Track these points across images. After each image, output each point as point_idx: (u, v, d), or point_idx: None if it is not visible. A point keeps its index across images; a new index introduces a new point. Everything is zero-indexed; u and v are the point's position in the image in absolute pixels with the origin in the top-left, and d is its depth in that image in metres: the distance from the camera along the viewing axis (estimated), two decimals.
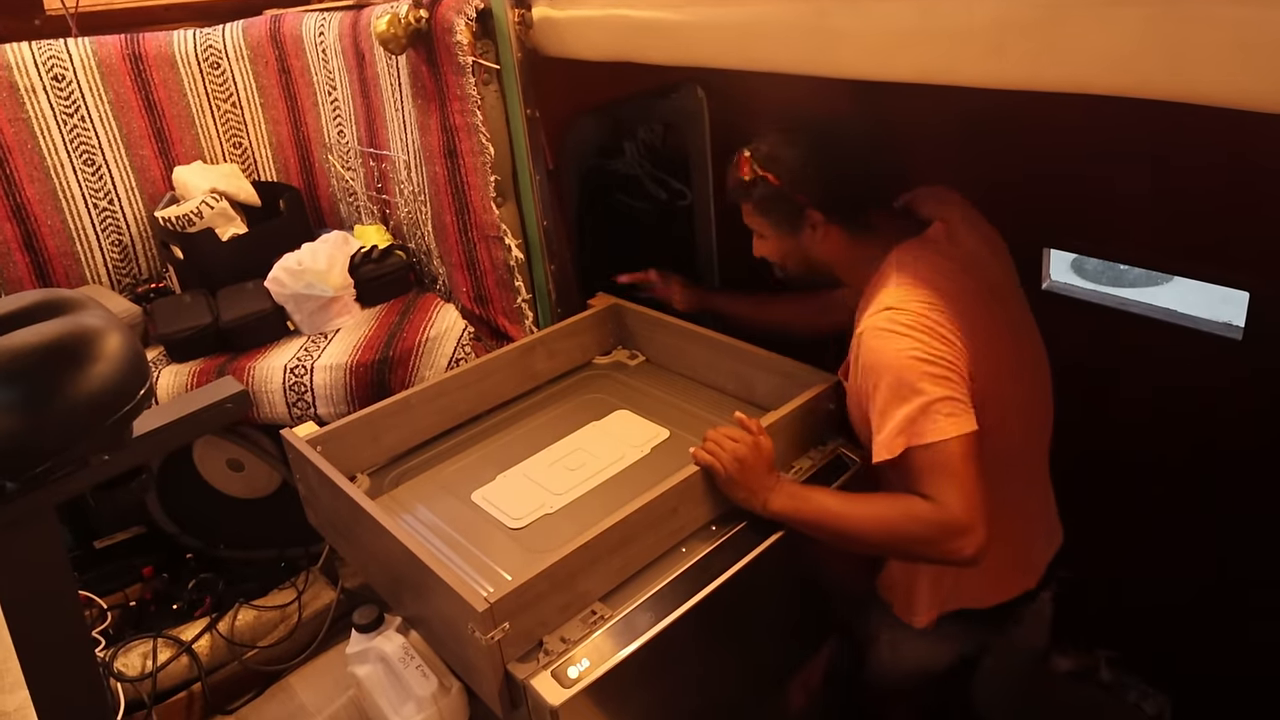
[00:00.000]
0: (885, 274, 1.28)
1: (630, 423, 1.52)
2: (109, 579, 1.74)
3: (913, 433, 1.14)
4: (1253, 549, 1.66)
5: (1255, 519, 1.65)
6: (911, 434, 1.14)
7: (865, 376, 1.21)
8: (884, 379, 1.18)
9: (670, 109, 2.13)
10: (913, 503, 1.16)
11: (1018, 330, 1.41)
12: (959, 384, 1.17)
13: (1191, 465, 1.70)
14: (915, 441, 1.14)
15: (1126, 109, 1.50)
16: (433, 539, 1.30)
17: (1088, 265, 4.41)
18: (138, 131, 1.96)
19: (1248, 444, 1.61)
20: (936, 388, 1.15)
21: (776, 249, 1.39)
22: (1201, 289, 1.66)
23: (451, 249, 1.73)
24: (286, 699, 1.56)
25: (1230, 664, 1.76)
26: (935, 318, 1.20)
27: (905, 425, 1.15)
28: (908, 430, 1.15)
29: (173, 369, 1.65)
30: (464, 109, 1.56)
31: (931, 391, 1.15)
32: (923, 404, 1.14)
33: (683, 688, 1.24)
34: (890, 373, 1.17)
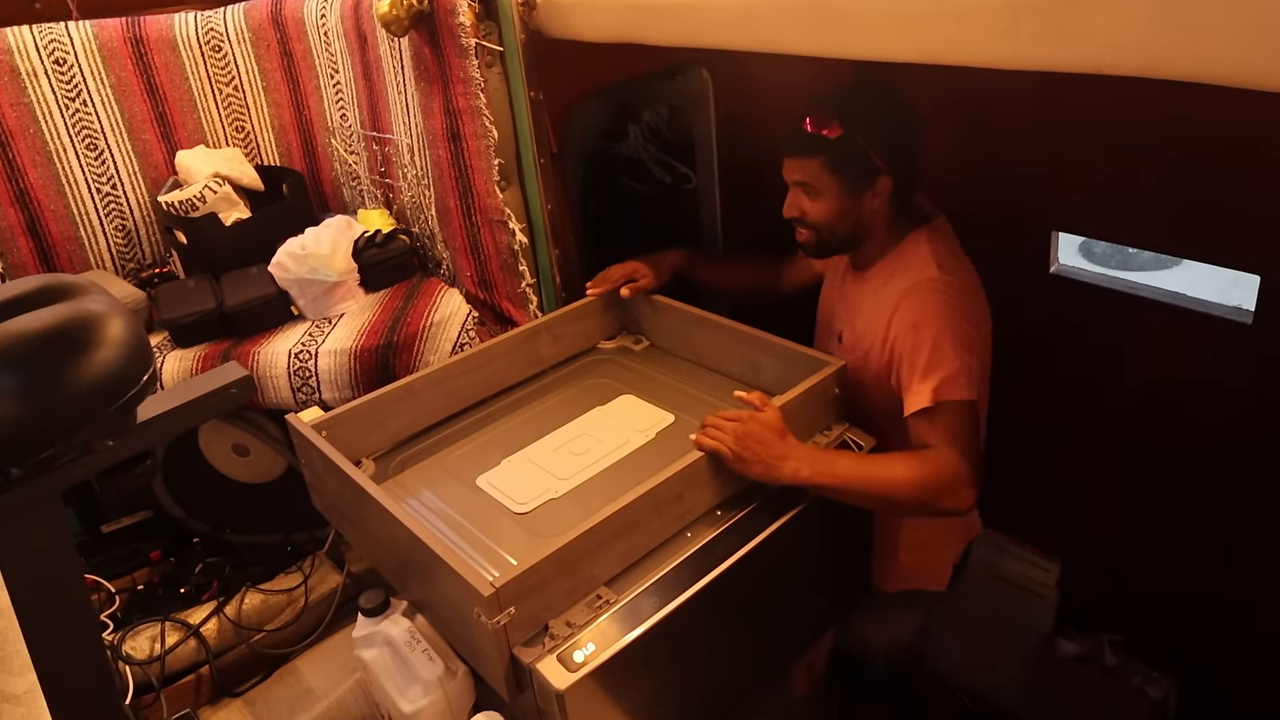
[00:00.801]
0: (918, 247, 1.40)
1: (635, 408, 1.52)
2: (116, 563, 1.75)
3: (949, 388, 1.27)
4: (1260, 534, 1.66)
5: (1263, 504, 1.64)
6: (948, 389, 1.27)
7: (910, 330, 1.32)
8: (933, 335, 1.29)
9: (675, 91, 2.12)
10: (935, 455, 1.26)
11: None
12: (981, 356, 1.33)
13: (1200, 449, 1.69)
14: (948, 396, 1.27)
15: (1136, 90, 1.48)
16: (438, 524, 1.30)
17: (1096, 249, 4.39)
18: (140, 115, 1.96)
19: (1257, 428, 1.60)
20: (970, 355, 1.29)
21: (832, 210, 1.41)
22: (1211, 272, 1.64)
23: (455, 233, 1.72)
24: (294, 681, 1.57)
25: (1235, 649, 1.76)
26: (977, 294, 1.38)
27: (945, 380, 1.27)
28: (946, 385, 1.27)
29: (177, 354, 1.65)
30: (467, 91, 1.55)
31: (966, 357, 1.29)
32: (961, 365, 1.28)
33: (688, 672, 1.24)
34: (942, 330, 1.29)
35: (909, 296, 1.35)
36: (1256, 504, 1.65)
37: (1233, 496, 1.68)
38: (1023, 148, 1.73)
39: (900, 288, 1.37)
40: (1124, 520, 1.87)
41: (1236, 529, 1.69)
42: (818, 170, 1.38)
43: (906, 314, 1.34)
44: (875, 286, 1.46)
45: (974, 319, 1.35)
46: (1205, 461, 1.69)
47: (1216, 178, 1.51)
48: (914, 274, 1.38)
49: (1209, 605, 1.79)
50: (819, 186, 1.40)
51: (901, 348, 1.34)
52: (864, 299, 1.49)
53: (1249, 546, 1.68)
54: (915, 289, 1.35)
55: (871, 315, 1.43)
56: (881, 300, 1.40)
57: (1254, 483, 1.64)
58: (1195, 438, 1.69)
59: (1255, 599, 1.69)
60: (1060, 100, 1.60)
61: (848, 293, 1.55)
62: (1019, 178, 1.75)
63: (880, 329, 1.39)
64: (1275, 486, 1.61)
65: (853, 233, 1.44)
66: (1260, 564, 1.67)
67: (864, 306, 1.48)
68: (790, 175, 1.43)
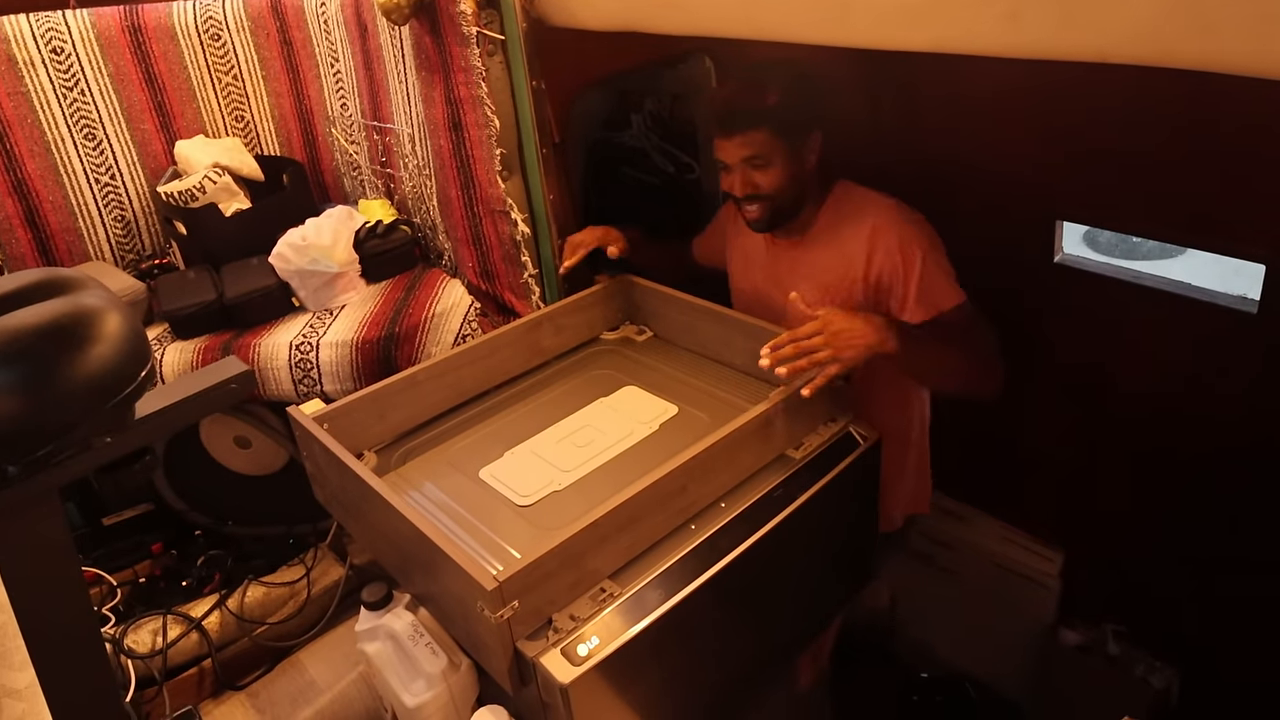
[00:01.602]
0: (850, 193, 1.53)
1: (638, 399, 1.51)
2: (118, 556, 1.75)
3: (951, 295, 1.40)
4: (1264, 524, 1.65)
5: (1267, 494, 1.64)
6: (950, 296, 1.40)
7: (898, 254, 1.42)
8: (921, 253, 1.41)
9: (678, 80, 2.10)
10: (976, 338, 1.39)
11: None
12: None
13: (1204, 439, 1.69)
14: (954, 301, 1.40)
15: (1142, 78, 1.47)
16: (441, 517, 1.30)
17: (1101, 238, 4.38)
18: (138, 105, 1.94)
19: (1261, 418, 1.59)
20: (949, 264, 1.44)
21: (782, 177, 1.47)
22: (1215, 261, 1.63)
23: (457, 224, 1.71)
24: (297, 674, 1.57)
25: (1238, 638, 1.76)
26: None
27: (946, 284, 1.40)
28: (947, 294, 1.40)
29: (177, 346, 1.64)
30: (468, 81, 1.54)
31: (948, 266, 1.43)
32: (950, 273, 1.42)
33: (692, 665, 1.24)
34: (932, 245, 1.42)
35: (881, 230, 1.45)
36: (1260, 494, 1.65)
37: (1237, 486, 1.68)
38: (1027, 136, 1.71)
39: (865, 226, 1.47)
40: (1127, 510, 1.86)
41: (1240, 518, 1.69)
42: (765, 140, 1.43)
43: (887, 242, 1.44)
44: (825, 241, 1.53)
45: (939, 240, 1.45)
46: (1209, 452, 1.68)
47: (1222, 167, 1.50)
48: (871, 211, 1.48)
49: (1212, 595, 1.78)
50: (768, 156, 1.45)
51: (892, 274, 1.44)
52: (815, 258, 1.55)
53: (1253, 536, 1.68)
54: (885, 222, 1.46)
55: (837, 265, 1.51)
56: (845, 247, 1.49)
57: (1258, 473, 1.63)
58: (1199, 428, 1.69)
59: (1259, 588, 1.69)
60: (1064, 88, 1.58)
61: (785, 264, 1.60)
62: (1023, 166, 1.74)
63: (858, 269, 1.48)
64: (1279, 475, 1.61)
65: (799, 196, 1.51)
66: (1264, 554, 1.66)
67: (819, 264, 1.54)
68: (734, 154, 1.46)
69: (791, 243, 1.59)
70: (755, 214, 1.51)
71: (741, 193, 1.49)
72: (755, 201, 1.49)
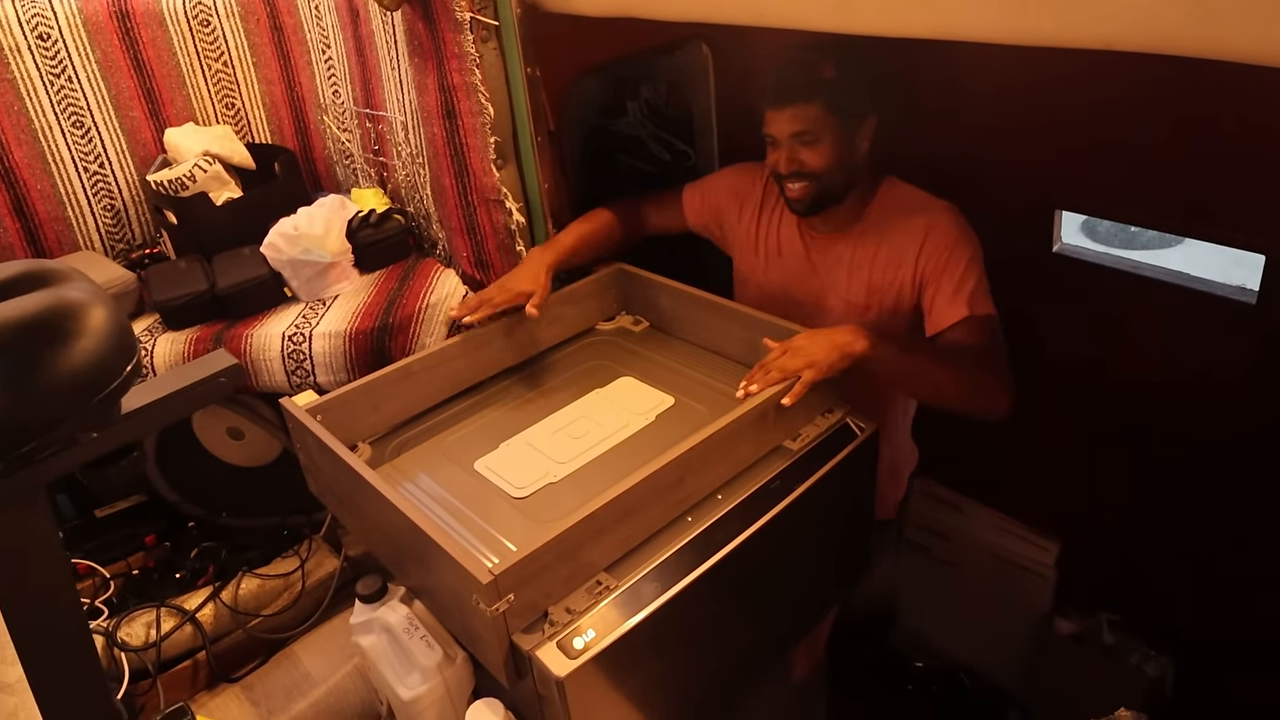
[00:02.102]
0: (898, 189, 1.50)
1: (635, 390, 1.50)
2: (111, 548, 1.73)
3: (982, 302, 1.39)
4: (1261, 514, 1.65)
5: (1264, 484, 1.64)
6: (980, 303, 1.38)
7: (945, 251, 1.41)
8: (966, 255, 1.40)
9: (674, 67, 2.08)
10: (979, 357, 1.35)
11: None
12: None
13: (1201, 429, 1.68)
14: (982, 310, 1.38)
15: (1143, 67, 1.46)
16: (435, 509, 1.29)
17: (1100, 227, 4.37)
18: (127, 92, 1.91)
19: (1258, 409, 1.59)
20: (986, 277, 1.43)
21: (830, 157, 1.42)
22: (1214, 251, 1.62)
23: (451, 213, 1.69)
24: (291, 666, 1.56)
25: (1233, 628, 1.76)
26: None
27: (976, 293, 1.38)
28: (978, 299, 1.38)
29: (169, 337, 1.63)
30: (462, 67, 1.52)
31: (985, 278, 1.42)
32: (985, 284, 1.41)
33: (688, 657, 1.23)
34: (973, 254, 1.41)
35: (935, 227, 1.43)
36: (1257, 484, 1.65)
37: (1234, 476, 1.68)
38: (1026, 125, 1.70)
39: (919, 224, 1.44)
40: (1124, 500, 1.86)
41: (1237, 508, 1.69)
42: (818, 115, 1.39)
43: (939, 239, 1.42)
44: (874, 238, 1.49)
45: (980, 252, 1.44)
46: (1206, 442, 1.68)
47: (1222, 157, 1.49)
48: (926, 212, 1.45)
49: (1208, 584, 1.78)
50: (818, 132, 1.40)
51: (935, 269, 1.42)
52: (861, 255, 1.51)
53: (1250, 526, 1.68)
54: (937, 219, 1.44)
55: (888, 264, 1.48)
56: (895, 245, 1.46)
57: (1255, 463, 1.63)
58: (1197, 418, 1.68)
59: (1255, 578, 1.69)
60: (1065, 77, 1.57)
61: (828, 258, 1.56)
62: (1022, 156, 1.73)
63: (907, 269, 1.45)
64: (1276, 467, 1.61)
65: (847, 180, 1.46)
66: (1260, 543, 1.67)
67: (865, 261, 1.50)
68: (784, 128, 1.41)
69: (833, 236, 1.54)
70: (798, 193, 1.45)
71: (787, 169, 1.43)
72: (800, 180, 1.43)
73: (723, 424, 1.20)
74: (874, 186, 1.51)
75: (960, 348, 1.39)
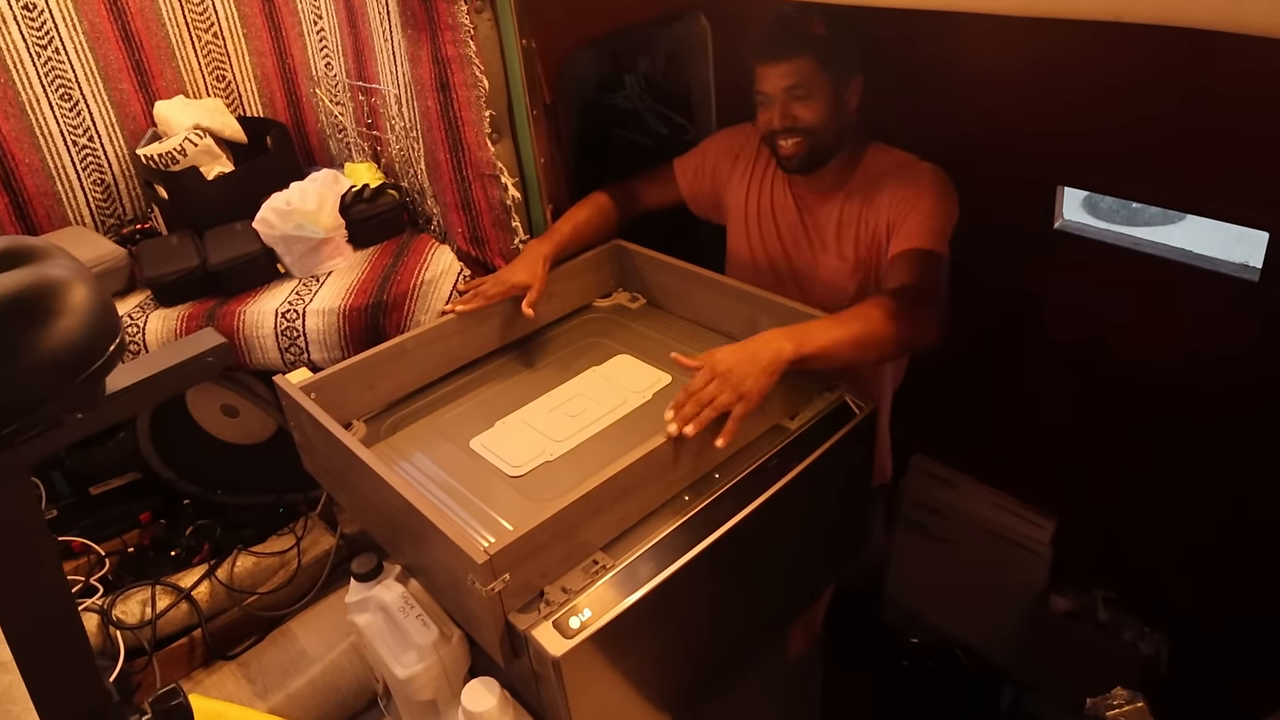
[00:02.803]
0: (884, 152, 1.53)
1: (631, 367, 1.49)
2: (106, 525, 1.73)
3: (934, 240, 1.40)
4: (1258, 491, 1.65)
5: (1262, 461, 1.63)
6: (933, 240, 1.40)
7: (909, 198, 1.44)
8: (929, 201, 1.43)
9: (672, 39, 2.05)
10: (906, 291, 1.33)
11: None
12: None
13: (1202, 407, 1.68)
14: (931, 246, 1.39)
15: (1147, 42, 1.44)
16: (431, 487, 1.28)
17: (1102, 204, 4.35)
18: (115, 64, 1.88)
19: (1259, 387, 1.58)
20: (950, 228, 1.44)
21: (823, 112, 1.44)
22: (1216, 228, 1.61)
23: (446, 188, 1.67)
24: (288, 644, 1.56)
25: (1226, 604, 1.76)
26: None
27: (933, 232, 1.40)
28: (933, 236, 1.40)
29: (161, 313, 1.61)
30: (456, 39, 1.49)
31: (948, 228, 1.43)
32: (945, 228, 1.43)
33: (685, 636, 1.23)
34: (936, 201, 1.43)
35: (913, 181, 1.46)
36: (1256, 461, 1.64)
37: (1232, 454, 1.67)
38: (1028, 101, 1.68)
39: (899, 179, 1.47)
40: (1122, 478, 1.86)
41: (1235, 487, 1.69)
42: (810, 69, 1.40)
43: (913, 188, 1.45)
44: (860, 199, 1.51)
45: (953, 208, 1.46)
46: (1205, 420, 1.67)
47: (1226, 133, 1.47)
48: (910, 172, 1.48)
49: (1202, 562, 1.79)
50: (811, 87, 1.42)
51: (901, 211, 1.44)
52: (848, 215, 1.53)
53: (1247, 504, 1.68)
54: (917, 174, 1.47)
55: (870, 219, 1.50)
56: (879, 199, 1.49)
57: (1254, 441, 1.62)
58: (1196, 396, 1.67)
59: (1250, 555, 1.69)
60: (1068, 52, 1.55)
61: (819, 219, 1.58)
62: (1024, 132, 1.71)
63: (884, 215, 1.48)
64: (1275, 444, 1.60)
65: (838, 137, 1.48)
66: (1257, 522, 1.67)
67: (852, 220, 1.53)
68: (776, 83, 1.43)
69: (823, 197, 1.57)
70: (791, 149, 1.46)
71: (781, 124, 1.44)
72: (794, 135, 1.45)
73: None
74: (861, 149, 1.53)
75: (899, 277, 1.38)
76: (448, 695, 1.23)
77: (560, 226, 1.63)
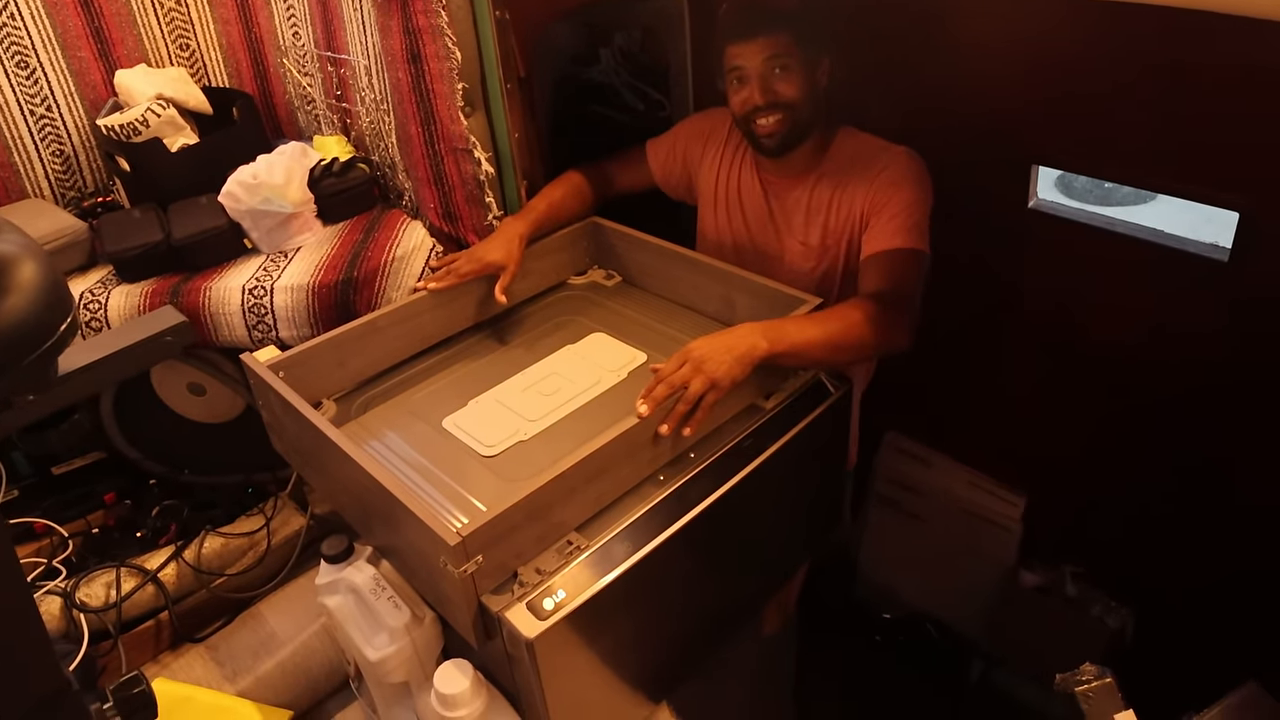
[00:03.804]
0: (855, 137, 1.52)
1: (607, 346, 1.48)
2: (69, 506, 1.69)
3: (914, 237, 1.39)
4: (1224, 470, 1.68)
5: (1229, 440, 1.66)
6: (912, 238, 1.39)
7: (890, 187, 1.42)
8: (909, 192, 1.42)
9: (649, 13, 2.02)
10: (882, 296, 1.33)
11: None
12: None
13: (1170, 386, 1.70)
14: (910, 244, 1.39)
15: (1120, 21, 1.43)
16: (403, 467, 1.26)
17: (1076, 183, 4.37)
18: (73, 31, 1.82)
19: (1228, 366, 1.60)
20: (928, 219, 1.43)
21: (802, 88, 1.43)
22: (1187, 208, 1.62)
23: (417, 162, 1.64)
24: (257, 626, 1.54)
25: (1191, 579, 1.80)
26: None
27: (912, 228, 1.39)
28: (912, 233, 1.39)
29: (123, 290, 1.57)
30: (428, 9, 1.45)
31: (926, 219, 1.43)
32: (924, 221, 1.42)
33: (659, 617, 1.23)
34: (916, 191, 1.42)
35: (888, 167, 1.44)
36: (1223, 440, 1.67)
37: (1201, 433, 1.70)
38: (1002, 80, 1.67)
39: (876, 169, 1.45)
40: (1090, 453, 1.88)
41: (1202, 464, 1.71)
42: (787, 44, 1.40)
43: (889, 176, 1.43)
44: (831, 183, 1.50)
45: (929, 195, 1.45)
46: (1174, 398, 1.69)
47: (1198, 114, 1.48)
48: (883, 157, 1.47)
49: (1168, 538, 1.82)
50: (789, 61, 1.41)
51: (878, 203, 1.43)
52: (818, 200, 1.52)
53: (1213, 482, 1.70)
54: (891, 159, 1.45)
55: (841, 205, 1.49)
56: (850, 187, 1.47)
57: (1222, 419, 1.65)
58: (1166, 375, 1.69)
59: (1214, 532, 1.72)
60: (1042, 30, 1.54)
61: (788, 204, 1.56)
62: (998, 112, 1.70)
63: (858, 204, 1.46)
64: (1242, 423, 1.63)
65: (813, 116, 1.47)
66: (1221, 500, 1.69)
67: (822, 205, 1.51)
68: (754, 59, 1.42)
69: (791, 181, 1.55)
70: (771, 126, 1.45)
71: (763, 99, 1.43)
72: (775, 111, 1.43)
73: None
74: (831, 133, 1.53)
75: (875, 280, 1.38)
76: (420, 677, 1.22)
77: (535, 205, 1.60)
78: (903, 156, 1.47)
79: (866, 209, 1.46)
